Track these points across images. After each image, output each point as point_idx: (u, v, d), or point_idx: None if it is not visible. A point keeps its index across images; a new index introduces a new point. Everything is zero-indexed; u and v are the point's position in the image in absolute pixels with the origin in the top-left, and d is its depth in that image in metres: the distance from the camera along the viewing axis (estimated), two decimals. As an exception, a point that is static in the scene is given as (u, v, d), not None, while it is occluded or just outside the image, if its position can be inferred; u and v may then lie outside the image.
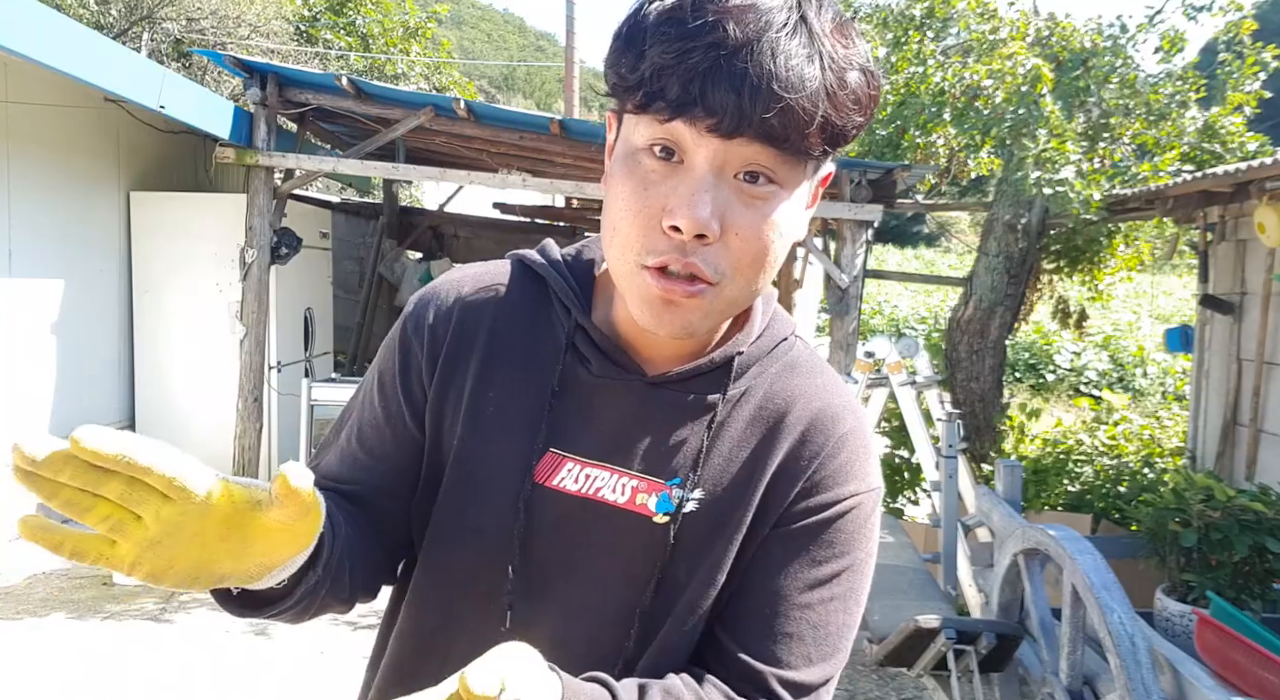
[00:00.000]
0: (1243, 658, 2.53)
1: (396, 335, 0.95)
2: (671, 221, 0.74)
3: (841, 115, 0.73)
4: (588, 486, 0.86)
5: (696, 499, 0.85)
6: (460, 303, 0.93)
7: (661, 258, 0.75)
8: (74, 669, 3.73)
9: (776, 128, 0.71)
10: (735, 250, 0.76)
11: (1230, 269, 5.12)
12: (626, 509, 0.86)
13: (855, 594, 0.88)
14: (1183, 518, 3.44)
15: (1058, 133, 5.25)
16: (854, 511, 0.87)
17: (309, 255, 6.51)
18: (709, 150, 0.73)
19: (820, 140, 0.74)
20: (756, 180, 0.75)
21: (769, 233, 0.76)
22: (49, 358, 5.37)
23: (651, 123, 0.74)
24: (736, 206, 0.75)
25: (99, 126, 5.84)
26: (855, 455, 0.88)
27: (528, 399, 0.88)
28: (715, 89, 0.70)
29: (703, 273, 0.75)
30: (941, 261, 25.60)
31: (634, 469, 0.86)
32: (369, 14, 11.70)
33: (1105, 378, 14.18)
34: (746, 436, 0.87)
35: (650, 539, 0.85)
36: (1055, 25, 6.25)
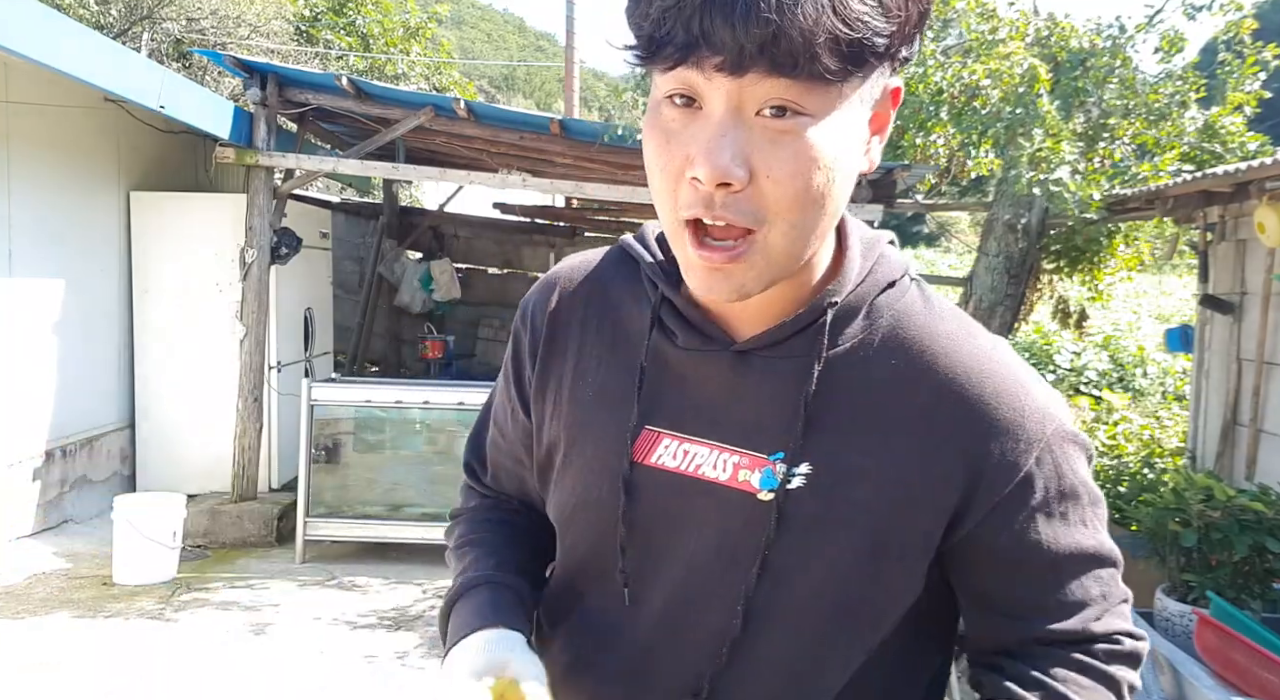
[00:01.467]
0: (1242, 657, 2.53)
1: (511, 329, 1.00)
2: (692, 172, 0.70)
3: (854, 26, 0.66)
4: (687, 463, 0.83)
5: (804, 474, 0.79)
6: (561, 290, 0.94)
7: (694, 211, 0.72)
8: (74, 669, 3.73)
9: (781, 55, 0.66)
10: (770, 194, 0.70)
11: (1230, 269, 5.12)
12: (729, 486, 0.82)
13: (1103, 515, 0.87)
14: (1183, 517, 3.44)
15: (1053, 133, 5.25)
16: (1054, 451, 0.80)
17: (309, 255, 6.51)
18: (722, 91, 0.69)
19: (836, 58, 0.67)
20: (783, 114, 0.69)
21: (807, 168, 0.70)
22: (49, 357, 5.37)
23: (667, 72, 0.71)
24: (763, 146, 0.70)
25: (99, 126, 5.84)
26: (1015, 394, 0.80)
27: (623, 377, 0.87)
28: (713, 25, 0.66)
29: (737, 222, 0.71)
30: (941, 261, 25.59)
31: (734, 443, 0.82)
32: (369, 14, 11.70)
33: (1105, 377, 14.17)
34: (862, 402, 0.80)
35: (754, 517, 0.81)
36: (1055, 25, 6.25)
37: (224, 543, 5.44)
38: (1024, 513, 0.80)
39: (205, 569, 5.06)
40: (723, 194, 0.70)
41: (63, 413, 5.46)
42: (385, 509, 5.35)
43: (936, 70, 6.02)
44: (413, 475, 5.49)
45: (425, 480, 5.47)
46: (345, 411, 5.40)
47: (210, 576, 4.93)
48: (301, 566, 5.10)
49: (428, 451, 5.52)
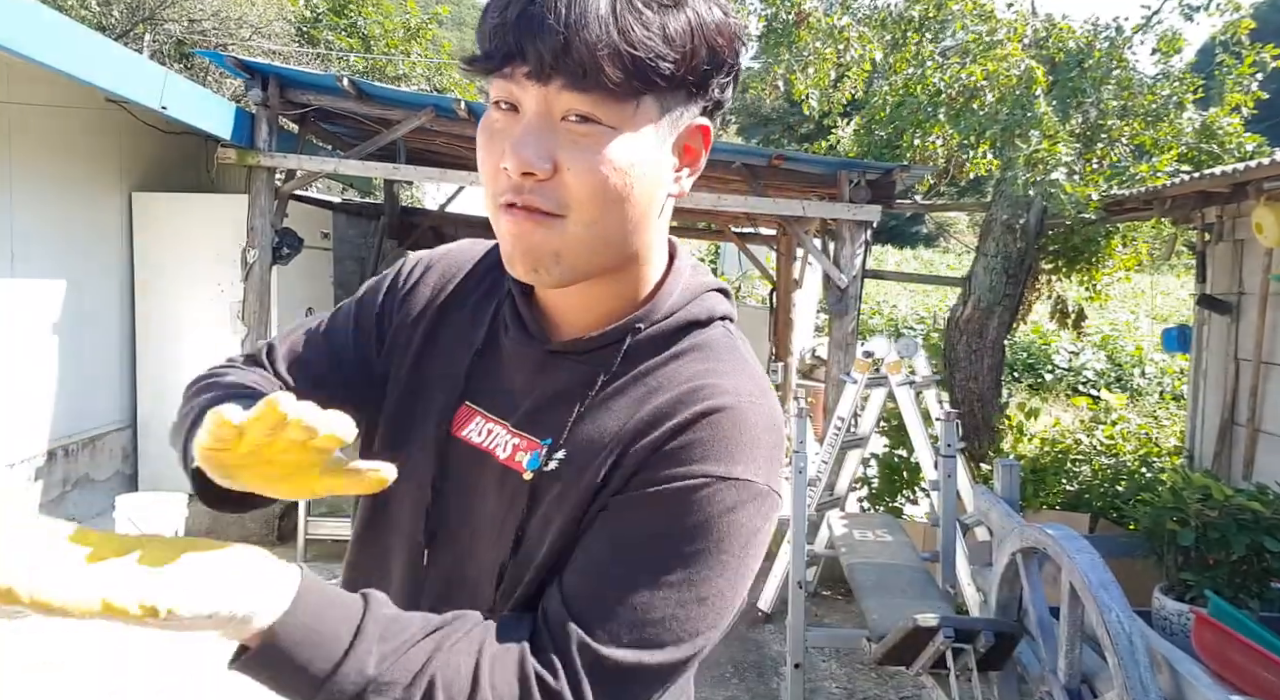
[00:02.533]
0: (1240, 656, 2.54)
1: (389, 271, 1.06)
2: (503, 163, 0.80)
3: (636, 46, 0.75)
4: (487, 441, 0.93)
5: (559, 459, 0.88)
6: (442, 264, 1.04)
7: (505, 196, 0.81)
8: (77, 669, 3.75)
9: (573, 66, 0.75)
10: (570, 185, 0.79)
11: (1228, 269, 5.13)
12: (505, 464, 0.91)
13: (697, 589, 0.79)
14: (1180, 517, 3.45)
15: (1050, 134, 5.27)
16: (707, 494, 0.80)
17: (310, 255, 6.52)
18: (532, 97, 0.79)
19: (619, 72, 0.76)
20: (583, 121, 0.78)
21: (602, 168, 0.79)
22: (51, 358, 5.38)
23: (494, 81, 0.81)
24: (566, 146, 0.79)
25: (101, 127, 5.85)
26: (727, 435, 0.82)
27: (460, 357, 0.97)
28: (520, 36, 0.76)
29: (543, 206, 0.80)
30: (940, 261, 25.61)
31: (521, 428, 0.92)
32: (370, 15, 11.71)
33: (1103, 377, 14.19)
34: (621, 406, 0.87)
35: (517, 494, 0.89)
36: (1052, 26, 6.27)
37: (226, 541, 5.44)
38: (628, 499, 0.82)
39: (207, 568, 5.07)
40: (530, 182, 0.79)
41: (65, 412, 5.48)
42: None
43: (934, 71, 6.04)
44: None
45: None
46: (346, 411, 5.42)
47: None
48: (303, 565, 5.12)
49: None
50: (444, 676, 0.74)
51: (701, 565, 0.79)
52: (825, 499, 4.78)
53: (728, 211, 7.41)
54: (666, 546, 0.80)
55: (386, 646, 0.73)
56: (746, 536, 0.81)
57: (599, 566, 0.80)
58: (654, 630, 0.78)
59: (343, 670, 0.71)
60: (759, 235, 10.15)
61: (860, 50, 6.57)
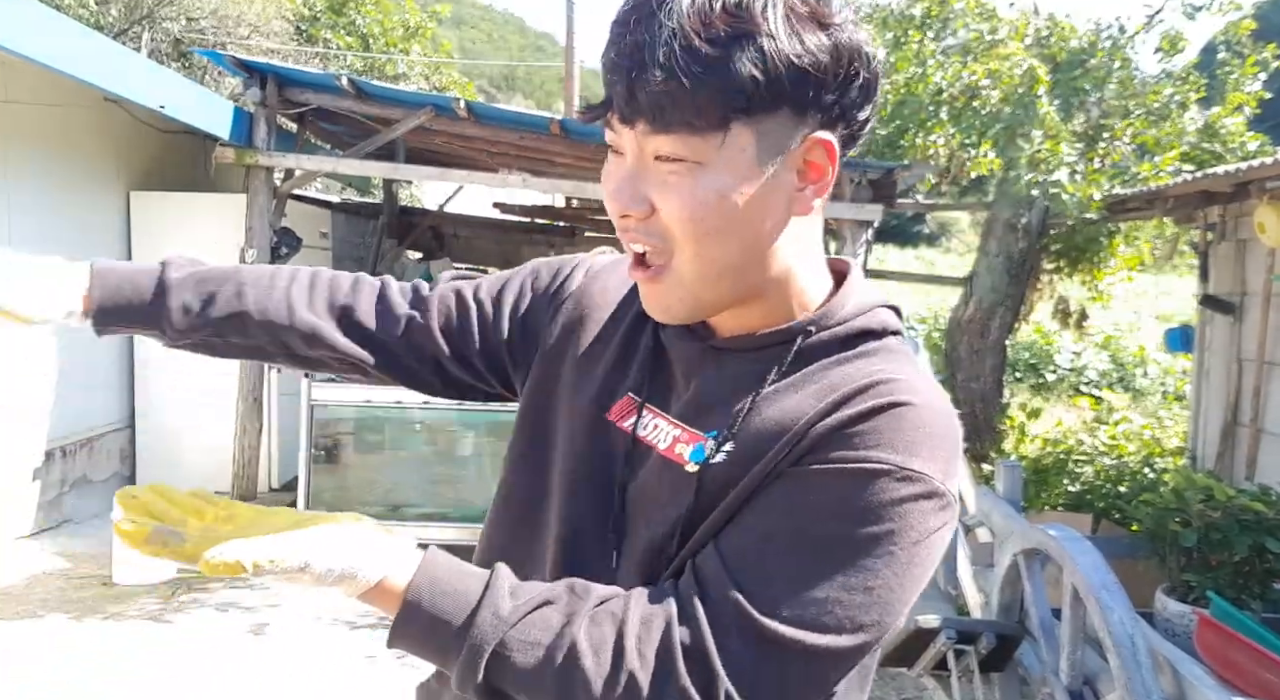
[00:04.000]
0: (1243, 658, 2.53)
1: (559, 260, 1.10)
2: (608, 204, 0.86)
3: (699, 86, 0.76)
4: (649, 433, 0.93)
5: (727, 451, 0.85)
6: (607, 272, 1.06)
7: (622, 237, 0.87)
8: (74, 669, 3.73)
9: (650, 107, 0.78)
10: (665, 223, 0.83)
11: (1230, 269, 5.12)
12: (665, 456, 0.90)
13: (863, 577, 0.76)
14: (1183, 518, 3.44)
15: (1053, 133, 5.26)
16: (885, 482, 0.77)
17: (309, 255, 6.51)
18: (627, 140, 0.83)
19: (691, 111, 0.77)
20: (671, 161, 0.81)
21: (691, 204, 0.81)
22: (49, 358, 5.37)
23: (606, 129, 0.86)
24: (656, 186, 0.83)
25: (99, 126, 5.84)
26: (910, 431, 0.79)
27: (629, 350, 0.98)
28: (608, 85, 0.82)
29: (650, 244, 0.85)
30: (942, 261, 25.60)
31: (683, 421, 0.91)
32: (369, 14, 11.70)
33: (1105, 378, 14.17)
34: (795, 403, 0.85)
35: (681, 486, 0.87)
36: (1054, 26, 6.26)
37: (224, 543, 5.43)
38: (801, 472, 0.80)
39: (205, 569, 5.06)
40: (631, 223, 0.85)
41: (62, 413, 5.46)
42: (385, 509, 5.35)
43: (936, 70, 6.03)
44: (412, 475, 5.49)
45: (425, 480, 5.48)
46: (345, 411, 5.41)
47: (210, 577, 4.93)
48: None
49: (427, 452, 5.52)
50: (589, 639, 0.76)
51: (870, 553, 0.77)
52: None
53: (728, 211, 7.39)
54: (836, 526, 0.78)
55: (519, 601, 0.78)
56: (919, 535, 0.79)
57: (764, 535, 0.79)
58: (815, 610, 0.76)
59: (479, 617, 0.77)
60: (760, 235, 10.13)
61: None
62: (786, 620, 0.75)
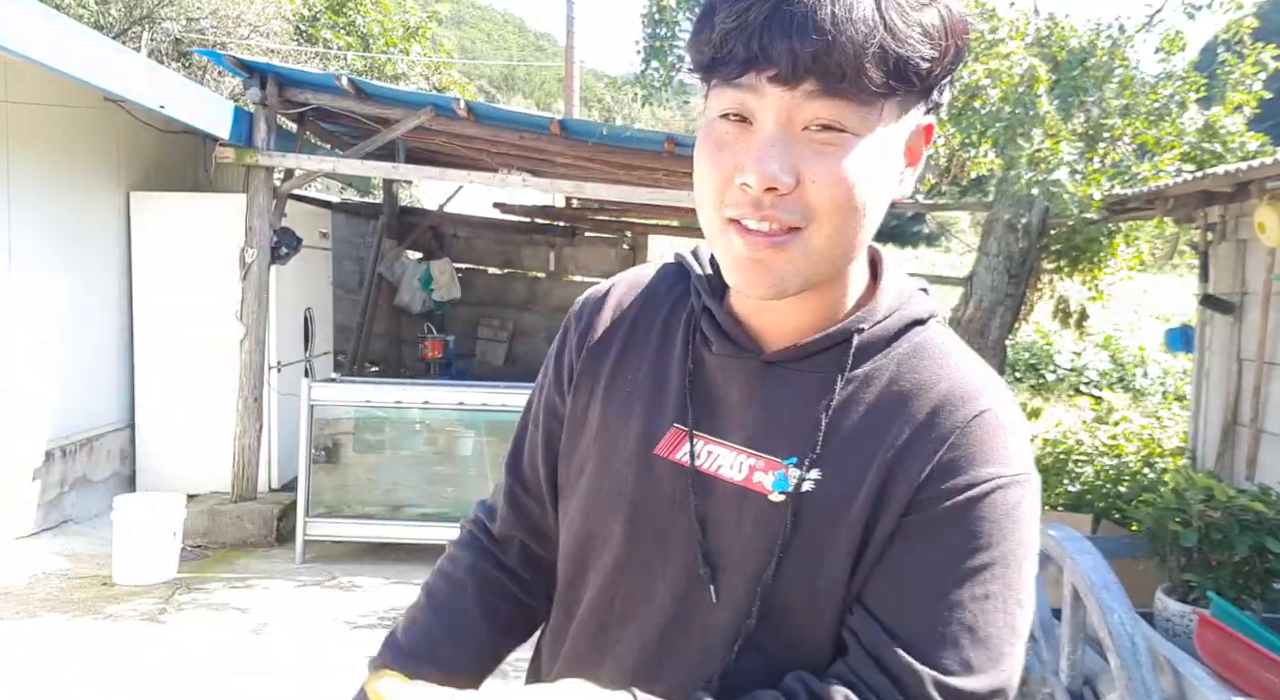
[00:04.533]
0: (1243, 658, 2.53)
1: (564, 321, 1.04)
2: (741, 178, 0.76)
3: (902, 44, 0.73)
4: (709, 463, 0.87)
5: (814, 479, 0.83)
6: (617, 294, 1.00)
7: (740, 212, 0.78)
8: (73, 668, 3.73)
9: (831, 67, 0.72)
10: (815, 197, 0.76)
11: (1230, 269, 5.12)
12: (743, 486, 0.86)
13: (1014, 592, 0.79)
14: (1183, 517, 3.43)
15: (1053, 133, 5.25)
16: (996, 495, 0.80)
17: (309, 255, 6.51)
18: (775, 106, 0.75)
19: (881, 72, 0.73)
20: (827, 130, 0.75)
21: (849, 177, 0.76)
22: (49, 357, 5.37)
23: (724, 90, 0.77)
24: (810, 156, 0.76)
25: (99, 126, 5.84)
26: (993, 435, 0.81)
27: (660, 380, 0.92)
28: (771, 38, 0.72)
29: (786, 221, 0.77)
30: (942, 261, 25.59)
31: (751, 447, 0.86)
32: (369, 14, 11.70)
33: (1105, 377, 14.18)
34: (869, 419, 0.84)
35: (767, 518, 0.84)
36: (1054, 25, 6.25)
37: (224, 543, 5.44)
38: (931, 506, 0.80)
39: (205, 569, 5.06)
40: (771, 197, 0.76)
41: (63, 413, 5.46)
42: (385, 509, 5.35)
43: (936, 70, 6.02)
44: (412, 475, 5.49)
45: (425, 480, 5.48)
46: (345, 412, 5.41)
47: (210, 576, 4.93)
48: (301, 566, 5.10)
49: (427, 451, 5.52)
50: None
51: (1009, 567, 0.80)
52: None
53: (728, 211, 7.38)
54: (978, 558, 0.79)
55: None
56: (1032, 525, 0.82)
57: (920, 596, 0.79)
58: (995, 645, 0.78)
59: None
60: (760, 235, 10.12)
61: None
62: (978, 670, 0.77)
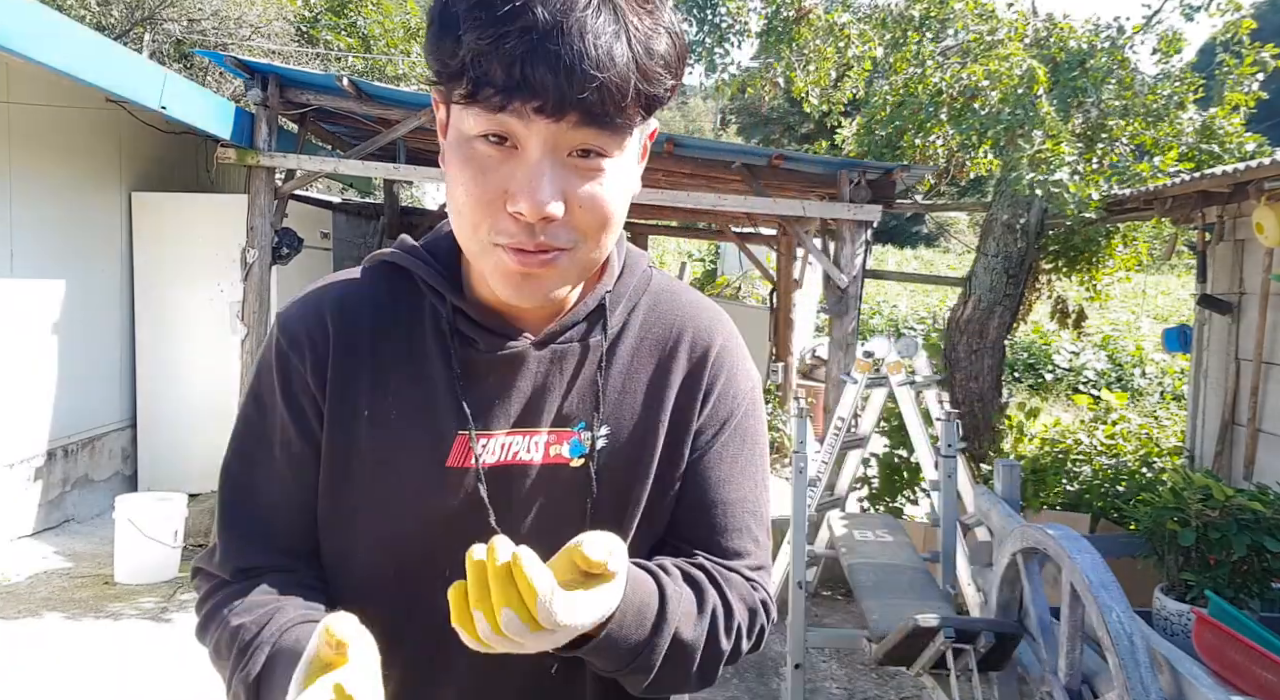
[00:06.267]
0: (1241, 657, 2.54)
1: (271, 357, 0.94)
2: (515, 207, 0.78)
3: (653, 84, 0.77)
4: (505, 455, 0.90)
5: (604, 436, 0.92)
6: (330, 317, 0.93)
7: (512, 239, 0.80)
8: (74, 668, 3.74)
9: (596, 105, 0.75)
10: (582, 221, 0.81)
11: (1228, 269, 5.13)
12: (544, 463, 0.91)
13: (766, 468, 1.01)
14: (1181, 517, 3.45)
15: (1053, 134, 5.26)
16: (749, 407, 0.99)
17: (310, 255, 6.52)
18: (540, 135, 0.77)
19: (637, 110, 0.78)
20: (588, 155, 0.79)
21: (609, 199, 0.81)
22: (51, 357, 5.38)
23: (481, 112, 0.77)
24: (575, 181, 0.79)
25: (100, 127, 5.85)
26: (734, 363, 0.99)
27: (428, 391, 0.91)
28: (534, 72, 0.73)
29: (557, 244, 0.81)
30: (940, 261, 25.61)
31: (542, 426, 0.91)
32: (370, 15, 11.70)
33: (1104, 377, 14.19)
34: (636, 367, 0.95)
35: (573, 484, 0.91)
36: (1053, 26, 6.26)
37: (225, 542, 5.44)
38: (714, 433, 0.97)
39: (206, 569, 5.06)
40: (543, 224, 0.79)
41: (64, 412, 5.47)
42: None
43: (935, 71, 6.03)
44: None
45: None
46: (346, 411, 5.41)
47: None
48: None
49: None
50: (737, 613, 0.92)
51: (762, 451, 1.01)
52: (825, 499, 4.78)
53: (728, 211, 7.40)
54: (746, 459, 0.99)
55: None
56: (764, 410, 1.04)
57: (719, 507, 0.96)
58: (765, 514, 1.00)
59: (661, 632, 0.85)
60: (759, 235, 10.14)
61: (861, 48, 6.57)
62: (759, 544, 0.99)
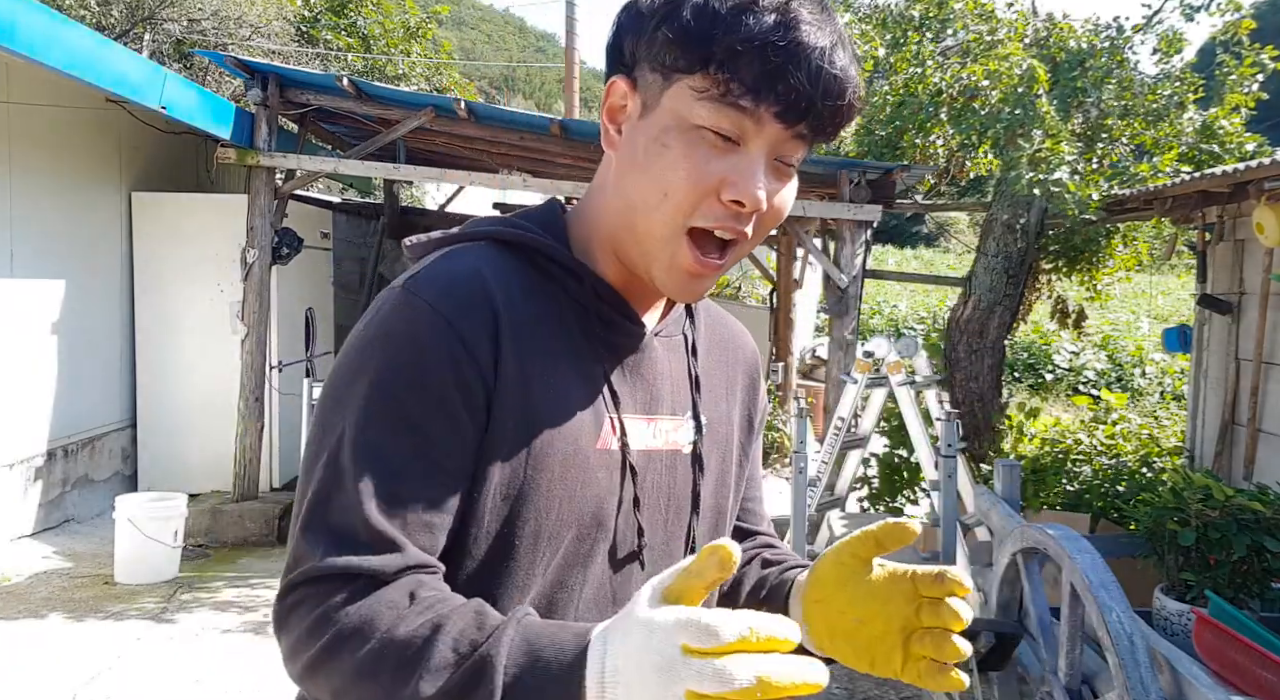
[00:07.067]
0: (1241, 657, 2.54)
1: (420, 328, 0.82)
2: (736, 196, 0.83)
3: (855, 114, 0.87)
4: (637, 441, 0.93)
5: (704, 423, 1.00)
6: (497, 288, 0.87)
7: (716, 223, 0.85)
8: (75, 668, 3.74)
9: (827, 121, 0.84)
10: (766, 218, 0.87)
11: (1228, 269, 5.13)
12: (664, 449, 0.96)
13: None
14: (1181, 517, 3.44)
15: (1053, 133, 5.26)
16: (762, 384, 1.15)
17: (310, 255, 6.52)
18: (770, 138, 0.83)
19: (832, 133, 0.87)
20: (785, 162, 0.86)
21: (789, 204, 0.90)
22: (51, 357, 5.38)
23: (719, 107, 0.81)
24: (774, 184, 0.86)
25: (100, 127, 5.85)
26: (760, 359, 1.16)
27: (581, 374, 0.90)
28: (791, 80, 0.80)
29: (738, 232, 0.86)
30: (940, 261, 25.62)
31: (660, 413, 0.96)
32: (370, 15, 11.70)
33: (1104, 377, 14.19)
34: (711, 362, 1.06)
35: (685, 468, 0.98)
36: (1053, 26, 6.26)
37: (225, 542, 5.45)
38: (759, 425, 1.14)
39: (206, 568, 5.07)
40: (749, 216, 0.85)
41: (64, 413, 5.47)
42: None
43: (935, 71, 6.03)
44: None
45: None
46: (346, 411, 5.41)
47: (211, 576, 4.94)
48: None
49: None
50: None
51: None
52: (825, 499, 4.78)
53: (728, 211, 7.39)
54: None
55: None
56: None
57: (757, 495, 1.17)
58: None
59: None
60: (759, 235, 10.11)
61: (862, 47, 6.57)
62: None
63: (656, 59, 0.84)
